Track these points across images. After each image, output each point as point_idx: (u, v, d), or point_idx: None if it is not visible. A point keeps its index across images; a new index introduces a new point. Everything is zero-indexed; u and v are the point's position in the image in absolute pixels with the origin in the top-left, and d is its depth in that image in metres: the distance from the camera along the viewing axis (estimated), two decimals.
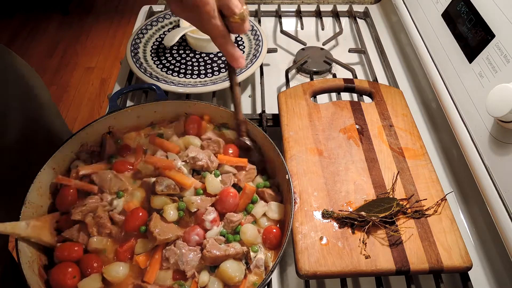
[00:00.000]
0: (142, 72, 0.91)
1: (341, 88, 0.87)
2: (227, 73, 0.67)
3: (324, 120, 0.80)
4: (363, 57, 1.08)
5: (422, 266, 0.60)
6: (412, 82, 1.03)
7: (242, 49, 1.00)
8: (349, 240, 0.63)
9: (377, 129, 0.79)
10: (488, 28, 0.72)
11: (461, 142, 0.75)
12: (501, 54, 0.68)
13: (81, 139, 0.72)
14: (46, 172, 0.65)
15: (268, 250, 0.63)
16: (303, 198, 0.67)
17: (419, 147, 0.76)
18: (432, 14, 0.90)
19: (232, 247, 0.60)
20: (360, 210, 0.65)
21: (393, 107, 0.83)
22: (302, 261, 0.60)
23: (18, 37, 3.04)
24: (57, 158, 0.67)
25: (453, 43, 0.80)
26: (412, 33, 0.97)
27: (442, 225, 0.65)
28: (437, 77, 0.85)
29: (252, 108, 0.96)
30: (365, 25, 1.21)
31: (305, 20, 1.17)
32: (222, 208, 0.65)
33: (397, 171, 0.72)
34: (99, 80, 2.74)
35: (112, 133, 0.75)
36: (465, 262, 0.61)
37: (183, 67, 0.95)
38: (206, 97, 0.93)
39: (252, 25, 1.04)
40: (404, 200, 0.68)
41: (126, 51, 0.96)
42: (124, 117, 0.75)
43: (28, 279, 0.54)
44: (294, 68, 1.01)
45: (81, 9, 3.33)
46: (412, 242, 0.63)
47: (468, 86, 0.75)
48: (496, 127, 0.66)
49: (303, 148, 0.75)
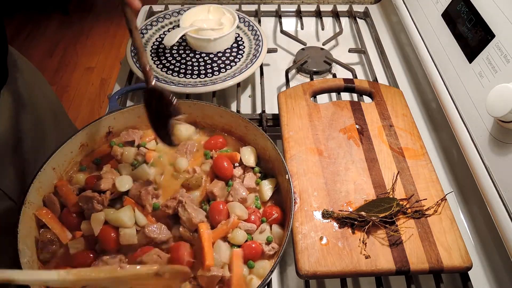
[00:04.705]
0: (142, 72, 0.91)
1: (341, 88, 0.87)
2: (124, 15, 0.63)
3: (324, 120, 0.80)
4: (363, 57, 1.08)
5: (422, 266, 0.60)
6: (412, 82, 1.03)
7: (242, 49, 1.00)
8: (349, 240, 0.63)
9: (377, 129, 0.79)
10: (488, 28, 0.71)
11: (461, 142, 0.75)
12: (501, 54, 0.68)
13: (80, 139, 0.71)
14: (46, 172, 0.65)
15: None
16: (303, 198, 0.67)
17: (419, 147, 0.76)
18: (432, 14, 0.90)
19: None
20: (360, 210, 0.65)
21: (393, 107, 0.83)
22: (302, 261, 0.60)
23: (18, 37, 3.04)
24: (57, 158, 0.67)
25: (453, 43, 0.80)
26: (412, 33, 0.97)
27: (442, 225, 0.65)
28: (437, 77, 0.85)
29: (252, 108, 0.96)
30: (365, 25, 1.21)
31: (305, 20, 1.17)
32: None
33: (397, 171, 0.72)
34: (99, 80, 2.74)
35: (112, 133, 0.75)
36: (465, 262, 0.61)
37: (183, 67, 0.95)
38: (206, 97, 0.93)
39: (252, 25, 1.04)
40: (404, 200, 0.68)
41: (126, 51, 0.96)
42: (124, 117, 0.75)
43: None
44: (294, 68, 1.01)
45: (81, 9, 3.33)
46: (412, 242, 0.63)
47: (468, 86, 0.75)
48: (496, 127, 0.66)
49: (303, 148, 0.75)
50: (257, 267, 0.61)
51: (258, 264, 0.62)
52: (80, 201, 0.64)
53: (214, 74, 0.94)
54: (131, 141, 0.75)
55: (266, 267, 0.61)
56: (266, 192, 0.69)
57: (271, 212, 0.66)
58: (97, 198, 0.64)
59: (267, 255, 0.62)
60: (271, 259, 0.63)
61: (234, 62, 0.97)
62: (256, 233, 0.64)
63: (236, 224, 0.63)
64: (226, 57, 0.98)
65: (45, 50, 2.95)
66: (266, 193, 0.69)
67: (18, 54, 0.91)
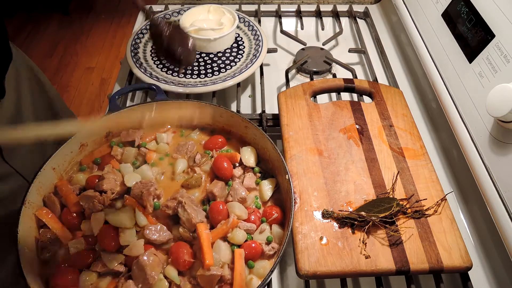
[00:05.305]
0: (142, 72, 0.91)
1: (341, 88, 0.87)
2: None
3: (324, 120, 0.80)
4: (363, 57, 1.08)
5: (422, 266, 0.60)
6: (412, 82, 1.03)
7: (242, 49, 1.00)
8: (349, 240, 0.63)
9: (377, 129, 0.79)
10: (488, 28, 0.71)
11: (461, 142, 0.75)
12: (501, 54, 0.68)
13: (80, 139, 0.71)
14: (46, 172, 0.66)
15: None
16: (303, 198, 0.67)
17: (419, 147, 0.76)
18: (432, 14, 0.90)
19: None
20: (360, 210, 0.65)
21: (393, 107, 0.83)
22: (302, 261, 0.60)
23: (18, 37, 3.04)
24: (57, 158, 0.67)
25: (453, 43, 0.80)
26: (412, 33, 0.97)
27: (442, 225, 0.65)
28: (437, 77, 0.85)
29: (252, 108, 0.96)
30: (365, 25, 1.21)
31: (305, 20, 1.17)
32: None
33: (397, 171, 0.72)
34: (99, 80, 2.74)
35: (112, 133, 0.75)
36: (465, 262, 0.61)
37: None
38: (206, 97, 0.93)
39: (252, 25, 1.04)
40: (404, 200, 0.68)
41: (126, 51, 0.96)
42: (124, 117, 0.75)
43: (28, 279, 0.54)
44: (294, 68, 1.01)
45: (81, 9, 3.33)
46: (412, 242, 0.63)
47: (468, 86, 0.75)
48: (496, 127, 0.66)
49: (303, 148, 0.75)
50: (257, 267, 0.61)
51: (258, 264, 0.62)
52: (81, 200, 0.64)
53: (214, 74, 0.94)
54: (131, 141, 0.75)
55: (266, 267, 0.61)
56: (266, 192, 0.69)
57: (271, 212, 0.66)
58: (98, 197, 0.64)
59: (267, 255, 0.62)
60: (271, 259, 0.63)
61: (234, 62, 0.97)
62: (256, 233, 0.64)
63: (235, 224, 0.63)
64: (226, 57, 0.98)
65: (45, 50, 2.95)
66: (266, 193, 0.69)
67: (17, 49, 0.91)
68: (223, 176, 0.70)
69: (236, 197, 0.66)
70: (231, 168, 0.70)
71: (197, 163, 0.72)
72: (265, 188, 0.69)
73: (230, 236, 0.62)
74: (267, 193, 0.69)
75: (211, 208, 0.65)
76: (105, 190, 0.65)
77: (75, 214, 0.65)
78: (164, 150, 0.75)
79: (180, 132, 0.79)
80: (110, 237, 0.61)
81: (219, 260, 0.59)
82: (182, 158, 0.73)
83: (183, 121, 0.79)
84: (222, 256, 0.60)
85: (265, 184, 0.70)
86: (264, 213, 0.67)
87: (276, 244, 0.63)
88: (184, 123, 0.79)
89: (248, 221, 0.65)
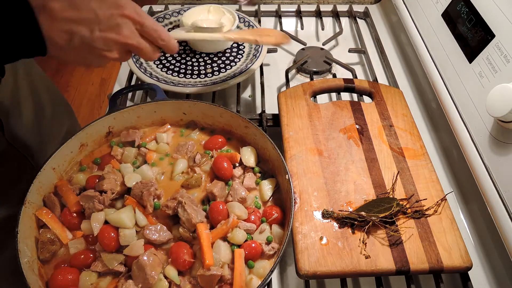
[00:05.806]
0: (142, 72, 0.91)
1: (341, 88, 0.87)
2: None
3: (324, 120, 0.80)
4: (363, 57, 1.08)
5: (422, 266, 0.60)
6: (412, 82, 1.03)
7: (242, 49, 1.00)
8: (349, 240, 0.63)
9: (377, 129, 0.79)
10: (488, 28, 0.71)
11: (461, 142, 0.75)
12: (501, 54, 0.68)
13: (80, 139, 0.72)
14: (46, 172, 0.65)
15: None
16: (303, 198, 0.67)
17: (419, 147, 0.76)
18: (432, 14, 0.90)
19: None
20: (360, 210, 0.65)
21: (393, 107, 0.83)
22: (302, 261, 0.60)
23: None
24: (57, 158, 0.67)
25: (453, 43, 0.80)
26: (412, 33, 0.97)
27: (442, 225, 0.65)
28: (437, 77, 0.85)
29: (252, 108, 0.96)
30: (365, 25, 1.21)
31: (305, 20, 1.17)
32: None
33: (397, 171, 0.72)
34: (99, 80, 2.74)
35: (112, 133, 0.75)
36: (465, 262, 0.61)
37: (183, 67, 0.95)
38: (206, 97, 0.93)
39: (252, 25, 1.04)
40: (404, 200, 0.68)
41: None
42: (124, 117, 0.75)
43: (28, 279, 0.54)
44: (294, 68, 1.01)
45: None
46: (412, 242, 0.63)
47: (468, 86, 0.75)
48: (496, 127, 0.66)
49: (303, 148, 0.75)
50: (257, 267, 0.61)
51: (258, 264, 0.62)
52: (81, 200, 0.64)
53: (214, 74, 0.94)
54: (131, 141, 0.75)
55: (266, 267, 0.61)
56: (266, 192, 0.69)
57: (271, 212, 0.66)
58: (98, 197, 0.64)
59: (267, 255, 0.62)
60: (271, 259, 0.63)
61: (234, 62, 0.97)
62: (256, 233, 0.64)
63: (235, 224, 0.63)
64: (226, 57, 0.98)
65: None
66: (266, 193, 0.69)
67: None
68: (223, 176, 0.70)
69: (236, 197, 0.66)
70: (231, 168, 0.70)
71: (197, 163, 0.72)
72: (265, 188, 0.69)
73: (230, 236, 0.62)
74: (267, 193, 0.69)
75: (211, 208, 0.65)
76: (105, 190, 0.65)
77: (75, 214, 0.65)
78: (164, 150, 0.75)
79: (180, 132, 0.79)
80: (110, 237, 0.61)
81: (219, 260, 0.59)
82: (182, 158, 0.73)
83: (183, 121, 0.79)
84: (222, 256, 0.60)
85: (265, 184, 0.70)
86: (264, 213, 0.67)
87: (276, 244, 0.63)
88: (184, 122, 0.79)
89: (248, 221, 0.65)
